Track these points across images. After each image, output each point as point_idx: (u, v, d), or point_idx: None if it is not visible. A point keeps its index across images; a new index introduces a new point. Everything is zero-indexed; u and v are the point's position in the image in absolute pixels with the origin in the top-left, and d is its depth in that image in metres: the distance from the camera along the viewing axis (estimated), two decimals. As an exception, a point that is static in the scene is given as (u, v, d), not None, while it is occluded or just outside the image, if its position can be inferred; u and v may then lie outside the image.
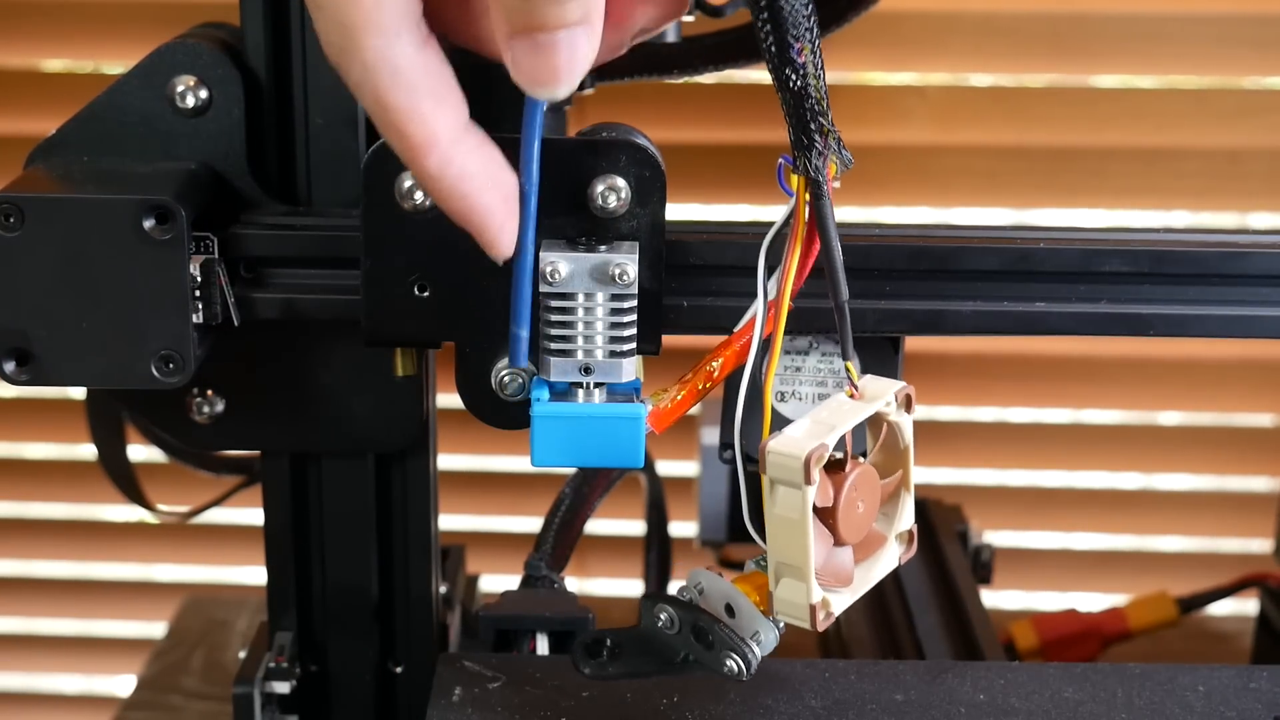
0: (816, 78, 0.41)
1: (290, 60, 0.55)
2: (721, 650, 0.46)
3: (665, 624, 0.47)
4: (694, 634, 0.46)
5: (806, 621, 0.44)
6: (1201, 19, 1.10)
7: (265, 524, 0.60)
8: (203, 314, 0.51)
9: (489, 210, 0.42)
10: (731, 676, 0.46)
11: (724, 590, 0.46)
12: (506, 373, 0.50)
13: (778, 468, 0.42)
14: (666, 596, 0.47)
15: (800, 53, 0.40)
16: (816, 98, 0.41)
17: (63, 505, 1.29)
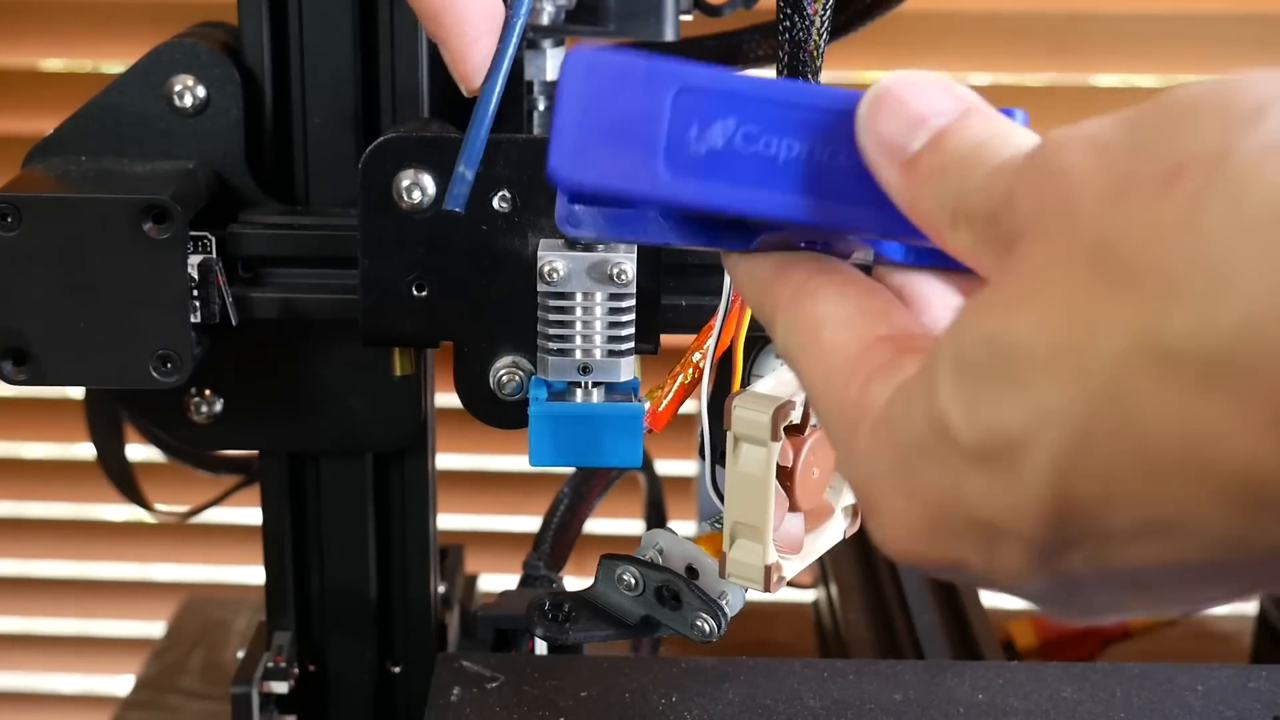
0: (820, 33, 0.41)
1: (288, 60, 0.55)
2: (692, 611, 0.45)
3: (628, 585, 0.46)
4: (659, 595, 0.46)
5: (760, 583, 0.43)
6: (1201, 18, 1.10)
7: (263, 524, 0.60)
8: (201, 313, 0.51)
9: (464, 18, 0.40)
10: (700, 638, 0.45)
11: (686, 551, 0.46)
12: (505, 372, 0.50)
13: (744, 423, 0.41)
14: (629, 558, 0.47)
15: (813, 3, 0.40)
16: (813, 53, 0.41)
17: (61, 505, 1.29)
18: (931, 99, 0.32)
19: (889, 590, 0.75)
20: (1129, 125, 0.27)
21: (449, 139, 0.49)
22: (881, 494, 0.31)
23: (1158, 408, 0.24)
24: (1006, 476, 0.27)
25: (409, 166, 0.49)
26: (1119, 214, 0.25)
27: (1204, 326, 0.23)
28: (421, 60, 0.55)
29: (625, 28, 0.55)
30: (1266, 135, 0.24)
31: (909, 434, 0.29)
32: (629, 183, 0.35)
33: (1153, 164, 0.25)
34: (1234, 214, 0.23)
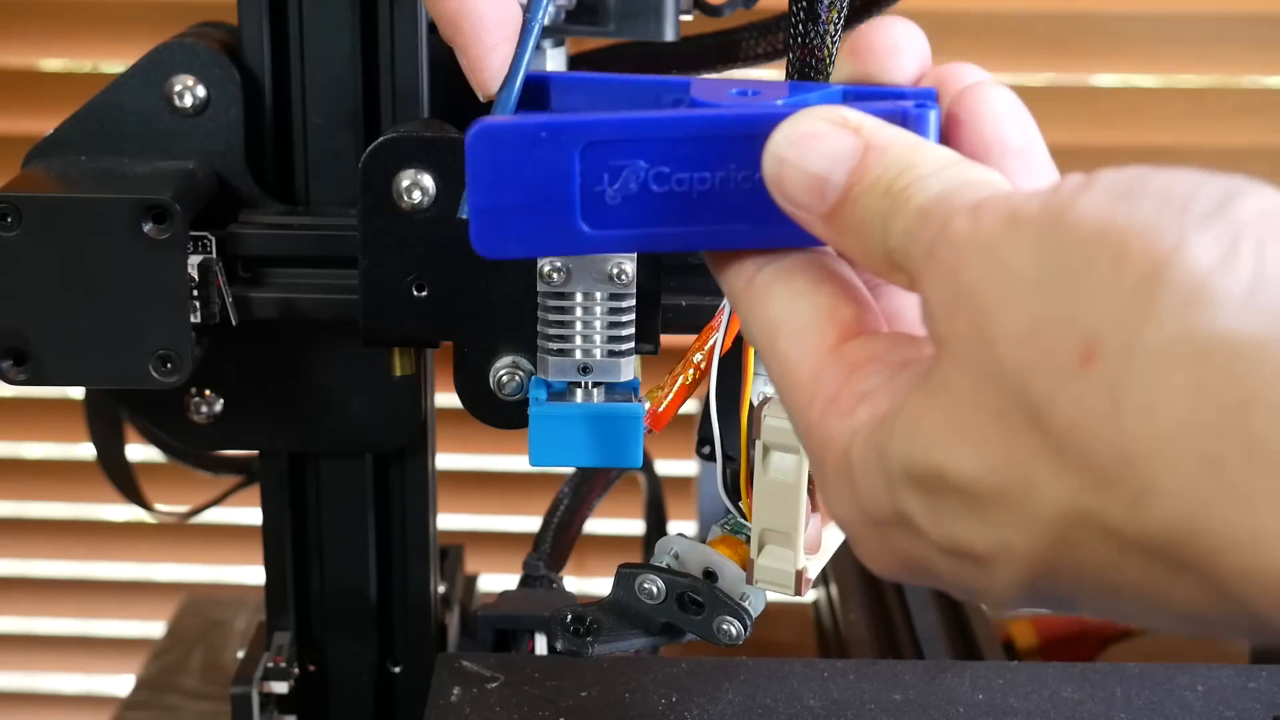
0: (834, 41, 0.41)
1: (288, 60, 0.55)
2: (716, 615, 0.45)
3: (649, 594, 0.46)
4: (681, 602, 0.46)
5: (790, 588, 0.43)
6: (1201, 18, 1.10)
7: (263, 524, 0.60)
8: (201, 314, 0.51)
9: (481, 23, 0.39)
10: (728, 642, 0.45)
11: (703, 555, 0.46)
12: (505, 372, 0.50)
13: (775, 431, 0.42)
14: (649, 566, 0.46)
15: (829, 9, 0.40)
16: (825, 59, 0.41)
17: (62, 505, 1.29)
18: (828, 146, 0.33)
19: (889, 590, 0.75)
20: (1034, 255, 0.28)
21: (449, 139, 0.49)
22: (856, 535, 0.33)
23: (1106, 559, 0.27)
24: (977, 571, 0.30)
25: (409, 166, 0.48)
26: (1043, 378, 0.27)
27: (1136, 521, 0.26)
28: (421, 60, 0.55)
29: (625, 28, 0.55)
30: (1163, 327, 0.25)
31: (874, 506, 0.31)
32: (551, 245, 0.36)
33: (1064, 328, 0.27)
34: (1150, 422, 0.25)
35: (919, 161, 0.32)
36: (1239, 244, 0.25)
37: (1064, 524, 0.27)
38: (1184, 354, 0.25)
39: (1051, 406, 0.27)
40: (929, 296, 0.30)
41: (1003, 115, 0.35)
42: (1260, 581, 0.24)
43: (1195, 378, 0.25)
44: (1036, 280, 0.27)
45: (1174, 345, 0.25)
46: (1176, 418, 0.25)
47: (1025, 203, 0.28)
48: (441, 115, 0.56)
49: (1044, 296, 0.27)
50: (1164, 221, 0.26)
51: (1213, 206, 0.26)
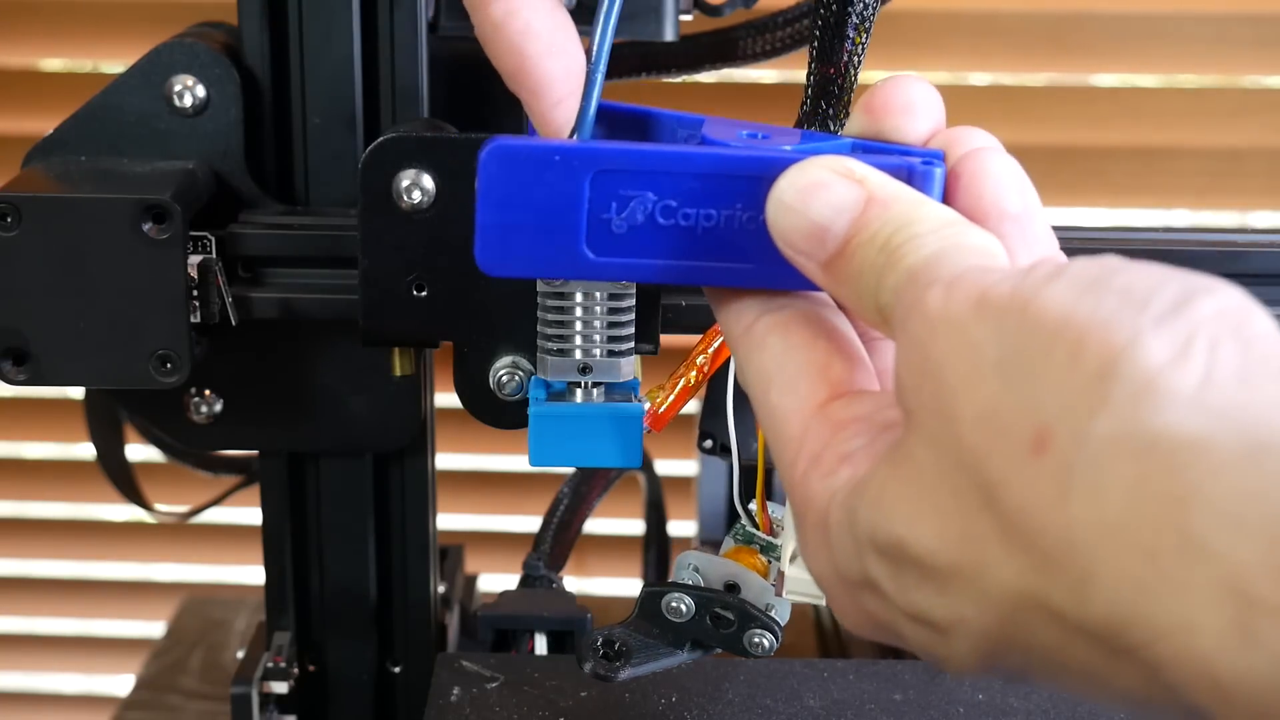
0: (858, 61, 0.41)
1: (288, 60, 0.55)
2: (747, 629, 0.45)
3: (678, 613, 0.46)
4: (711, 618, 0.46)
5: (823, 597, 0.44)
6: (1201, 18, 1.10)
7: (263, 524, 0.60)
8: (200, 314, 0.51)
9: (548, 78, 0.39)
10: (761, 654, 0.45)
11: (724, 568, 0.46)
12: (505, 372, 0.50)
13: None
14: (674, 585, 0.46)
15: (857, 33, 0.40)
16: (846, 77, 0.41)
17: (61, 505, 1.29)
18: (832, 196, 0.33)
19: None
20: (998, 337, 0.28)
21: (449, 139, 0.49)
22: (830, 591, 0.34)
23: (1053, 639, 0.28)
24: (937, 639, 0.31)
25: (409, 166, 0.48)
26: (997, 460, 0.28)
27: (1079, 606, 0.27)
28: (421, 60, 0.55)
29: (625, 27, 0.55)
30: (1112, 421, 0.26)
31: (846, 567, 0.32)
32: (554, 269, 0.36)
33: (1019, 414, 0.28)
34: (1094, 511, 0.26)
35: (917, 219, 0.32)
36: (1192, 343, 0.26)
37: (1013, 604, 0.28)
38: (1130, 448, 0.26)
39: (1004, 489, 0.28)
40: (900, 367, 0.31)
41: (1003, 181, 0.36)
42: (1191, 670, 0.25)
43: (1139, 471, 0.25)
44: (998, 364, 0.28)
45: (1121, 438, 0.26)
46: (1119, 508, 0.25)
47: (997, 285, 0.29)
48: (441, 115, 0.56)
49: (1003, 380, 0.28)
50: (1122, 317, 0.27)
51: (1171, 305, 0.27)
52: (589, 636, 0.48)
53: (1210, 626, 0.24)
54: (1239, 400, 0.25)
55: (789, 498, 0.34)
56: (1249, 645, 0.24)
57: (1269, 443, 0.25)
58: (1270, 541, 0.24)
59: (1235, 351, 0.26)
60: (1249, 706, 0.24)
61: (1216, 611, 0.24)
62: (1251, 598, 0.24)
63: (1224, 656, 0.24)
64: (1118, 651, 0.26)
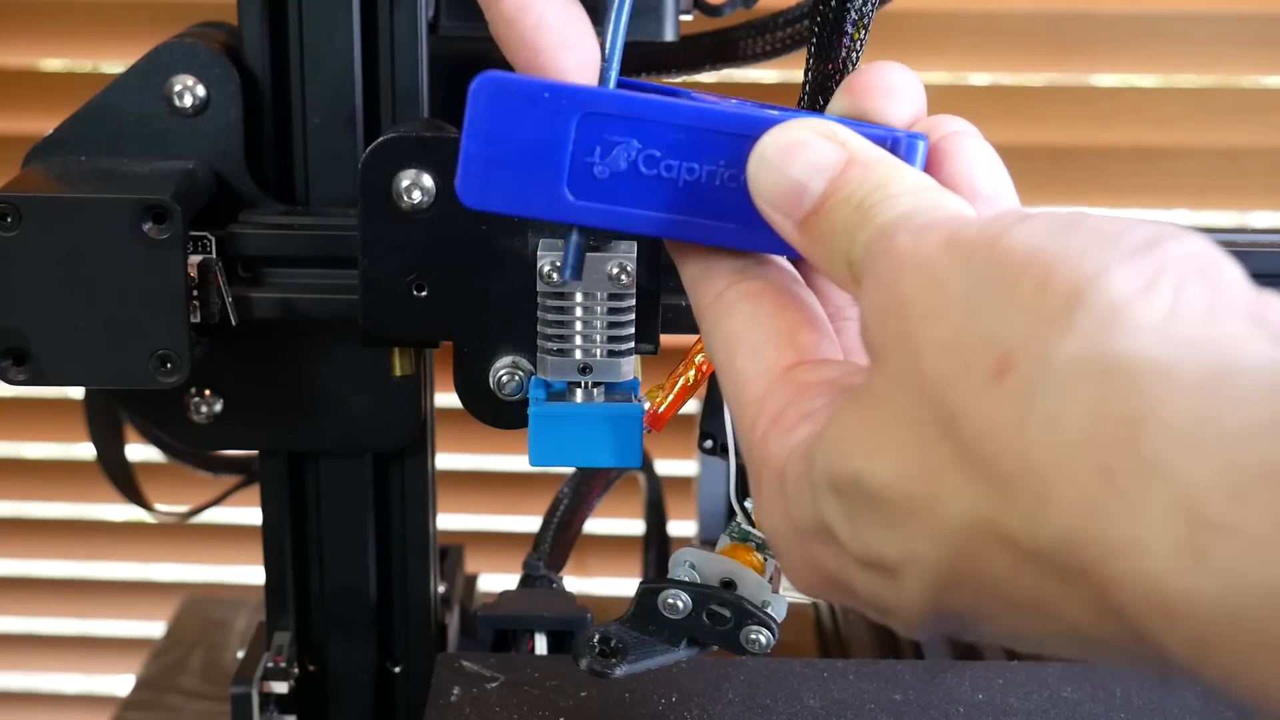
0: (857, 55, 0.41)
1: (288, 59, 0.55)
2: (744, 625, 0.45)
3: (674, 610, 0.46)
4: (708, 614, 0.46)
5: None
6: (1201, 18, 1.10)
7: (263, 524, 0.60)
8: (200, 314, 0.51)
9: (562, 71, 0.39)
10: (759, 651, 0.45)
11: (720, 565, 0.46)
12: (505, 372, 0.50)
13: None
14: (671, 581, 0.46)
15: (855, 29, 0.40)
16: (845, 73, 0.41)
17: (62, 505, 1.29)
18: (813, 155, 0.34)
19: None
20: (966, 272, 0.29)
21: (449, 139, 0.49)
22: (783, 548, 0.34)
23: (1005, 570, 0.28)
24: (888, 583, 0.31)
25: (409, 166, 0.48)
26: (958, 388, 0.28)
27: (1033, 529, 0.27)
28: (421, 60, 0.55)
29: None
30: (1076, 344, 0.26)
31: (800, 515, 0.32)
32: (533, 208, 0.36)
33: (983, 342, 0.28)
34: (1053, 434, 0.26)
35: (894, 181, 0.33)
36: (1160, 278, 0.26)
37: (968, 533, 0.28)
38: (1091, 371, 0.26)
39: (963, 416, 0.28)
40: (866, 306, 0.31)
41: (977, 162, 0.36)
42: (1139, 589, 0.25)
43: (1099, 393, 0.26)
44: (964, 296, 0.28)
45: (1083, 363, 0.26)
46: (1077, 430, 0.26)
47: (965, 226, 0.30)
48: (441, 115, 0.56)
49: (969, 312, 0.28)
50: (1092, 251, 0.27)
51: (1141, 244, 0.27)
52: (585, 633, 0.48)
53: (1161, 544, 0.24)
54: (1203, 333, 0.26)
55: (746, 461, 0.35)
56: (1198, 563, 0.24)
57: (1229, 370, 0.25)
58: (1224, 463, 0.24)
59: (1202, 290, 0.26)
60: (1194, 625, 0.24)
61: (1168, 530, 0.24)
62: (1203, 516, 0.24)
63: (1173, 574, 0.24)
64: (1068, 575, 0.26)
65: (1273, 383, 0.24)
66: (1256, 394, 0.24)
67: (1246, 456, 0.24)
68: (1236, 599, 0.23)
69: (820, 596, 0.34)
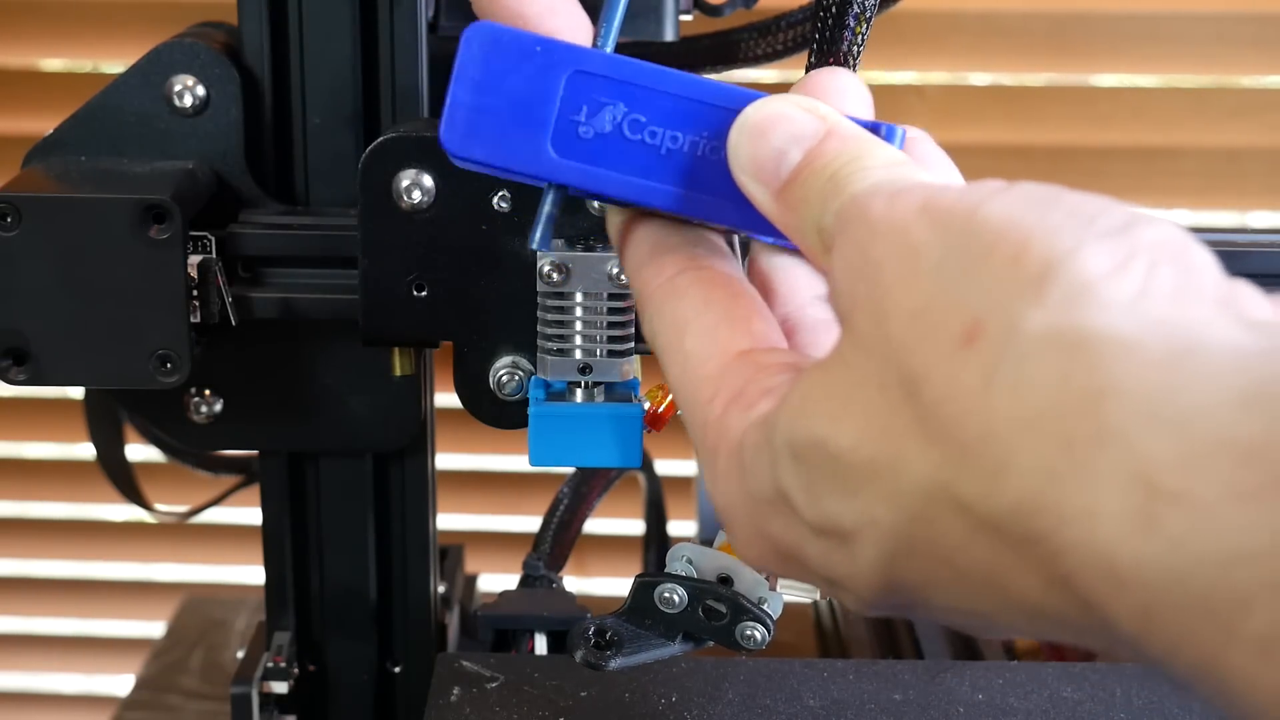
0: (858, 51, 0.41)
1: (288, 60, 0.55)
2: (739, 621, 0.45)
3: (670, 604, 0.46)
4: (703, 609, 0.46)
5: (816, 590, 0.44)
6: (1201, 18, 1.10)
7: (263, 524, 0.60)
8: (200, 314, 0.51)
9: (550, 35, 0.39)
10: (753, 646, 0.45)
11: (717, 561, 0.46)
12: (505, 372, 0.50)
13: None
14: (667, 575, 0.46)
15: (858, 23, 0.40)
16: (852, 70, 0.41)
17: (62, 505, 1.29)
18: (793, 126, 0.34)
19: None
20: (941, 239, 0.29)
21: (449, 139, 0.49)
22: (736, 521, 0.34)
23: (958, 538, 0.28)
24: (843, 552, 0.31)
25: (409, 166, 0.49)
26: (924, 353, 0.28)
27: (989, 496, 0.27)
28: (421, 60, 0.55)
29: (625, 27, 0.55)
30: (1045, 316, 0.26)
31: (758, 486, 0.32)
32: (515, 160, 0.36)
33: (953, 309, 0.28)
34: (1016, 402, 0.26)
35: (870, 154, 0.33)
36: (1132, 260, 0.27)
37: (924, 499, 0.28)
38: (1058, 343, 0.26)
39: (927, 381, 0.28)
40: (836, 270, 0.31)
41: (928, 159, 0.37)
42: (1090, 556, 0.25)
43: (1064, 366, 0.26)
44: (937, 263, 0.29)
45: (1051, 335, 0.26)
46: (1040, 401, 0.26)
47: (941, 193, 0.30)
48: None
49: (940, 278, 0.28)
50: (1068, 228, 0.27)
51: (1117, 225, 0.27)
52: (580, 625, 0.48)
53: (1114, 512, 0.25)
54: (1171, 314, 0.26)
55: (699, 439, 0.34)
56: (1148, 530, 0.24)
57: (1193, 349, 0.25)
58: (1181, 435, 0.24)
59: (1173, 274, 0.27)
60: (1141, 593, 0.24)
61: (1121, 498, 0.24)
62: (1156, 485, 0.24)
63: (1123, 541, 0.24)
64: (1020, 544, 0.26)
65: (1235, 362, 0.25)
66: (1218, 371, 0.25)
67: (1203, 429, 0.24)
68: (1183, 566, 0.24)
69: (772, 569, 0.35)
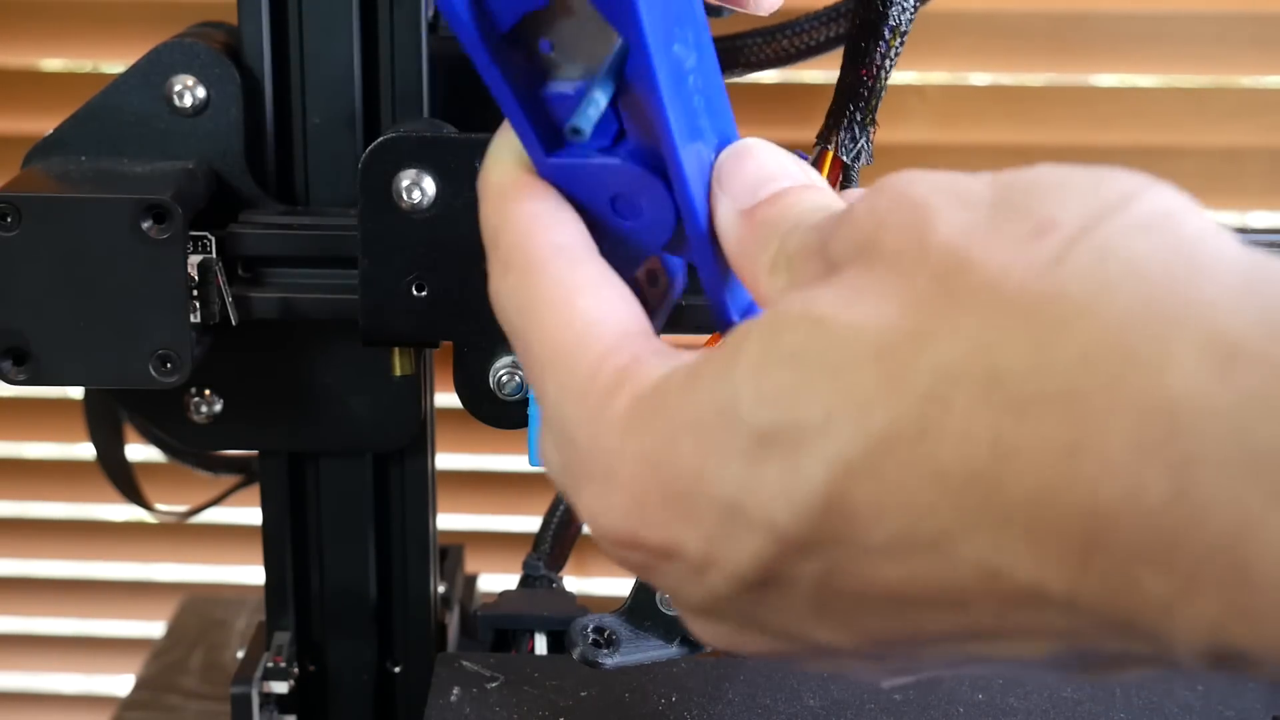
0: (891, 63, 0.41)
1: (288, 59, 0.55)
2: None
3: (670, 605, 0.46)
4: None
5: None
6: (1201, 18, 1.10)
7: (263, 524, 0.60)
8: (200, 313, 0.51)
9: None
10: None
11: None
12: (505, 372, 0.50)
13: None
14: None
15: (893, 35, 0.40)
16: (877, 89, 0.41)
17: (62, 505, 1.29)
18: (784, 164, 0.33)
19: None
20: (993, 184, 0.28)
21: (449, 139, 0.49)
22: (617, 460, 0.29)
23: (967, 424, 0.25)
24: (783, 464, 0.27)
25: (409, 166, 0.49)
26: (976, 246, 0.26)
27: (1044, 356, 0.25)
28: (421, 60, 0.55)
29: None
30: (1134, 216, 0.26)
31: (681, 409, 0.28)
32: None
33: (1020, 218, 0.26)
34: (1099, 266, 0.25)
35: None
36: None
37: (942, 374, 0.25)
38: (1147, 227, 0.26)
39: (982, 266, 0.26)
40: (861, 208, 0.29)
41: None
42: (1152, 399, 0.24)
43: (1153, 243, 0.25)
44: (992, 197, 0.27)
45: (1140, 222, 0.26)
46: (1122, 269, 0.25)
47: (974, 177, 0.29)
48: (441, 115, 0.56)
49: (999, 204, 0.27)
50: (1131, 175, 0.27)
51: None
52: (580, 622, 0.48)
53: (1188, 361, 0.24)
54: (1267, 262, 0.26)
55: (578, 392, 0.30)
56: (1221, 379, 0.24)
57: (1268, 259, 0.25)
58: (1265, 306, 0.24)
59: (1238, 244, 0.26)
60: (1191, 442, 0.23)
61: (1197, 351, 0.24)
62: (1236, 344, 0.24)
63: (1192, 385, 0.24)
64: (1065, 401, 0.24)
65: None
66: None
67: None
68: (1252, 414, 0.23)
69: (632, 531, 0.29)
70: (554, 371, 0.31)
